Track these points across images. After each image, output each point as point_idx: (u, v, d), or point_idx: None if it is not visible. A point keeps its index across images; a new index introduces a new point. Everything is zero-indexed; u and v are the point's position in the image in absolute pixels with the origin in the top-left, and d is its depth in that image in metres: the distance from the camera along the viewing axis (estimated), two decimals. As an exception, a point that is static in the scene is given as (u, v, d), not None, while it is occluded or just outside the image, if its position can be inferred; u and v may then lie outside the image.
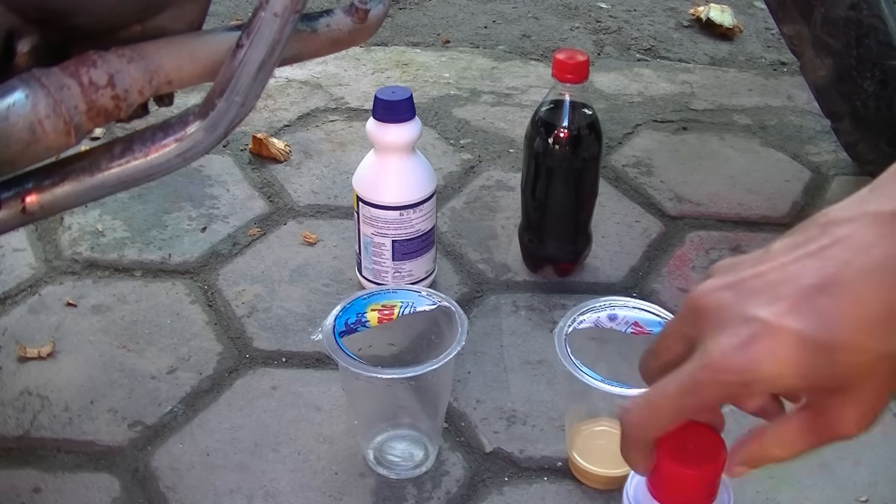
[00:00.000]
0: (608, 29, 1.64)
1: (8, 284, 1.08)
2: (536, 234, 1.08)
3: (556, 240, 1.08)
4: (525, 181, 1.06)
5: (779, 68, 1.54)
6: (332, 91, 1.44)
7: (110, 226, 1.17)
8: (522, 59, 1.54)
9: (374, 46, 1.55)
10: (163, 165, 0.74)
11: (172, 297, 1.07)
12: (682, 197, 1.23)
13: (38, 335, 1.02)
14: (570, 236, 1.08)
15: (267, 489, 0.86)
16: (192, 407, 0.94)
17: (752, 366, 0.44)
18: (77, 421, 0.93)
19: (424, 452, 0.88)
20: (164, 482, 0.87)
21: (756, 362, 0.44)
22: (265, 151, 1.29)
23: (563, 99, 1.01)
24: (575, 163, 1.03)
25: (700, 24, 1.65)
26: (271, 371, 0.98)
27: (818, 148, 1.34)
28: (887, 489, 0.88)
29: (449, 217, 1.20)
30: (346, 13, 0.82)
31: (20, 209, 0.73)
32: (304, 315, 1.05)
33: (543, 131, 1.02)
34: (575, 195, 1.05)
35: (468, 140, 1.34)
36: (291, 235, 1.16)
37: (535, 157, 1.04)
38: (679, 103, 1.43)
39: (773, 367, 0.44)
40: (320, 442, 0.90)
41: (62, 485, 0.87)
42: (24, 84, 0.68)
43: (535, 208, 1.07)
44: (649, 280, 1.11)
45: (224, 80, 0.73)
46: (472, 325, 1.02)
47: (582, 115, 1.02)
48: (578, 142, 1.02)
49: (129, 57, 0.71)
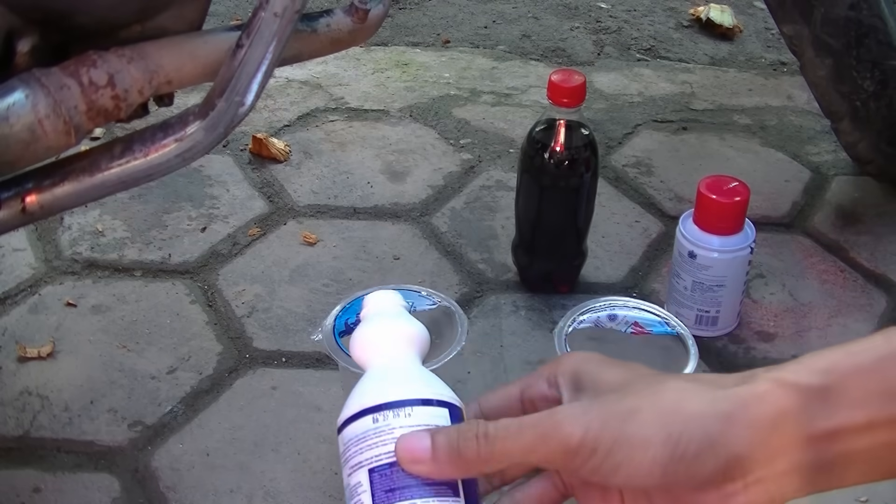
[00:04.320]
0: (608, 29, 1.63)
1: (8, 284, 1.08)
2: (529, 253, 1.08)
3: (551, 261, 1.07)
4: (520, 202, 1.06)
5: (779, 68, 1.54)
6: (332, 91, 1.44)
7: (110, 226, 1.17)
8: (522, 59, 1.54)
9: (374, 46, 1.55)
10: (163, 165, 0.74)
11: (172, 297, 1.07)
12: (682, 197, 1.23)
13: (38, 335, 1.02)
14: (566, 257, 1.08)
15: (267, 489, 0.86)
16: (192, 407, 0.94)
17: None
18: (77, 421, 0.93)
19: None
20: (164, 482, 0.87)
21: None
22: (265, 151, 1.29)
23: (558, 120, 0.99)
24: (571, 184, 1.02)
25: (700, 24, 1.64)
26: (271, 371, 0.98)
27: (818, 148, 1.34)
28: (887, 489, 0.88)
29: (449, 217, 1.20)
30: (346, 13, 0.82)
31: (20, 209, 0.72)
32: (304, 315, 1.05)
33: (538, 154, 1.00)
34: (571, 218, 1.04)
35: (468, 140, 1.34)
36: (291, 235, 1.16)
37: (530, 178, 1.02)
38: (679, 103, 1.43)
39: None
40: (320, 442, 0.90)
41: (62, 485, 0.87)
42: (24, 84, 0.68)
43: (529, 229, 1.06)
44: (649, 280, 1.11)
45: (224, 80, 0.73)
46: (472, 325, 1.02)
47: (579, 137, 1.00)
48: (574, 166, 1.01)
49: (129, 57, 0.71)
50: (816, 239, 1.17)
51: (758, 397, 0.46)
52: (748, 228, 1.00)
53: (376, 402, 0.51)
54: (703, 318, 1.02)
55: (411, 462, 0.48)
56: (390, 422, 0.50)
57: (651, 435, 0.45)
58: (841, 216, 1.21)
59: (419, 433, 0.49)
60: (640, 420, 0.46)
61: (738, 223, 0.99)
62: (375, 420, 0.50)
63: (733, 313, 1.03)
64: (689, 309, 1.01)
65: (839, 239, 1.17)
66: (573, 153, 1.00)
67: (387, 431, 0.50)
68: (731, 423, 0.45)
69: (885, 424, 0.44)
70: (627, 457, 0.45)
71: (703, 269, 0.99)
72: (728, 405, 0.45)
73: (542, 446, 0.47)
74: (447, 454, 0.48)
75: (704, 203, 0.98)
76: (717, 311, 1.01)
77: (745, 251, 0.99)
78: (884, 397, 0.45)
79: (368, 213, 1.20)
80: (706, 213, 0.98)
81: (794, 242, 1.17)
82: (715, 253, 0.98)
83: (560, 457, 0.47)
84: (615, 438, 0.46)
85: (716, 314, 1.01)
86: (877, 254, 1.15)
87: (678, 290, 1.02)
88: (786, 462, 0.45)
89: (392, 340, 0.56)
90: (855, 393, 0.45)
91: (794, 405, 0.45)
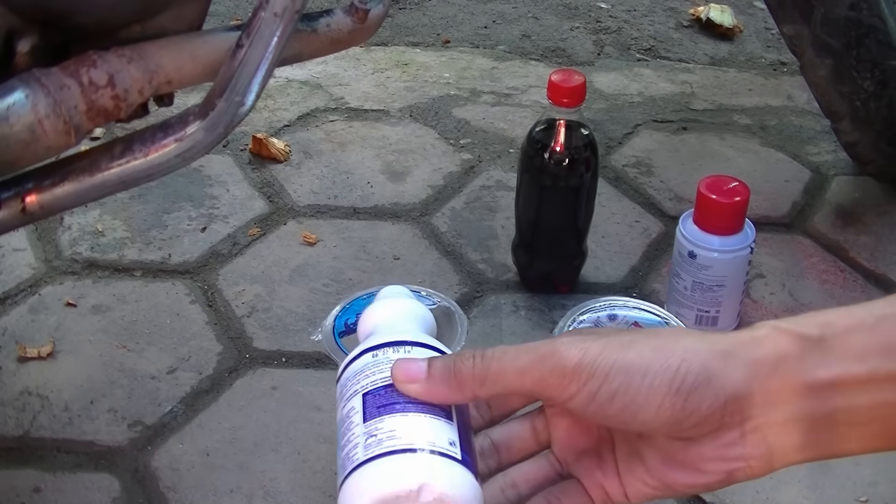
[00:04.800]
0: (608, 29, 1.63)
1: (8, 284, 1.08)
2: (529, 253, 1.08)
3: (551, 261, 1.08)
4: (520, 202, 1.06)
5: (779, 68, 1.54)
6: (332, 91, 1.44)
7: (110, 226, 1.17)
8: (522, 59, 1.54)
9: (374, 46, 1.55)
10: (163, 165, 0.74)
11: (172, 297, 1.07)
12: (682, 197, 1.23)
13: (38, 335, 1.02)
14: (566, 257, 1.08)
15: (267, 489, 0.86)
16: (192, 407, 0.94)
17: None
18: (77, 421, 0.93)
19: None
20: (164, 482, 0.87)
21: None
22: (265, 151, 1.29)
23: (558, 120, 0.99)
24: (571, 184, 1.02)
25: (700, 24, 1.64)
26: (271, 371, 0.98)
27: (818, 148, 1.34)
28: (887, 489, 0.88)
29: (449, 217, 1.20)
30: (346, 13, 0.82)
31: (20, 209, 0.73)
32: (304, 315, 1.05)
33: (538, 154, 1.00)
34: (571, 218, 1.04)
35: (468, 140, 1.34)
36: (291, 235, 1.16)
37: (530, 178, 1.02)
38: (679, 103, 1.43)
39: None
40: (320, 442, 0.90)
41: (62, 485, 0.87)
42: (24, 84, 0.68)
43: (529, 229, 1.06)
44: (649, 280, 1.11)
45: (224, 80, 0.73)
46: (472, 325, 1.02)
47: (579, 137, 1.00)
48: (574, 166, 1.01)
49: (129, 57, 0.71)
50: (816, 239, 1.17)
51: (757, 340, 0.45)
52: (748, 228, 1.00)
53: (376, 343, 0.52)
54: (703, 318, 1.02)
55: (406, 381, 0.48)
56: (389, 355, 0.51)
57: (650, 363, 0.44)
58: (841, 216, 1.21)
59: (417, 359, 0.50)
60: (639, 349, 0.45)
61: (738, 223, 0.99)
62: (375, 355, 0.51)
63: (733, 313, 1.03)
64: (689, 309, 1.02)
65: (839, 239, 1.17)
66: (573, 153, 1.00)
67: (385, 363, 0.50)
68: (730, 361, 0.44)
69: (886, 381, 0.43)
70: (625, 384, 0.44)
71: (703, 269, 0.99)
72: (727, 345, 0.45)
73: (537, 367, 0.46)
74: (442, 373, 0.48)
75: (704, 203, 0.98)
76: (717, 311, 1.01)
77: (745, 251, 0.99)
78: (884, 353, 0.43)
79: (368, 213, 1.20)
80: (706, 213, 0.98)
81: (794, 242, 1.17)
82: (715, 253, 0.98)
83: (556, 380, 0.46)
84: (613, 364, 0.45)
85: (716, 314, 1.01)
86: (877, 254, 1.15)
87: (678, 290, 1.02)
88: (785, 411, 0.44)
89: (400, 314, 0.57)
90: (854, 347, 0.44)
91: (794, 351, 0.44)
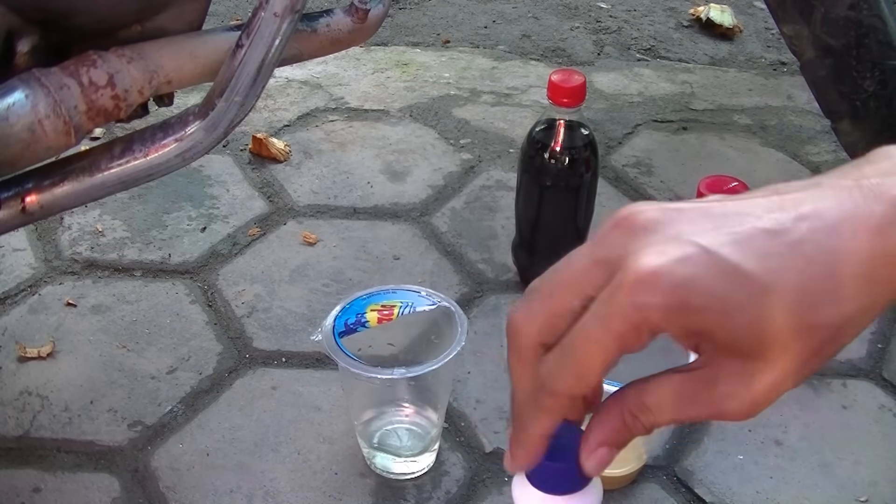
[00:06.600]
0: (608, 29, 1.63)
1: (8, 284, 1.08)
2: (529, 253, 1.07)
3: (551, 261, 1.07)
4: (520, 202, 1.05)
5: (779, 68, 1.54)
6: (332, 91, 1.44)
7: (110, 226, 1.17)
8: (522, 59, 1.54)
9: (374, 46, 1.55)
10: (162, 165, 0.74)
11: (172, 297, 1.07)
12: (682, 197, 1.23)
13: (38, 335, 1.02)
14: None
15: (267, 489, 0.86)
16: (192, 407, 0.94)
17: (677, 290, 0.38)
18: (77, 421, 0.93)
19: (423, 445, 0.88)
20: (163, 482, 0.87)
21: (683, 286, 0.38)
22: (265, 151, 1.29)
23: (558, 120, 0.99)
24: (571, 184, 1.01)
25: (700, 24, 1.64)
26: (271, 371, 0.98)
27: (818, 148, 1.34)
28: (887, 489, 0.88)
29: (449, 217, 1.20)
30: (346, 13, 0.82)
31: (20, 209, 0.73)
32: (304, 315, 1.05)
33: (538, 154, 1.00)
34: (571, 218, 1.04)
35: (468, 140, 1.34)
36: (291, 235, 1.16)
37: (530, 178, 1.02)
38: (679, 103, 1.43)
39: (700, 297, 0.38)
40: (320, 442, 0.90)
41: (62, 485, 0.87)
42: (24, 84, 0.68)
43: (529, 229, 1.06)
44: (649, 280, 1.11)
45: (224, 80, 0.73)
46: (472, 325, 1.02)
47: (579, 137, 1.00)
48: (574, 166, 1.00)
49: (129, 57, 0.72)
50: (816, 239, 1.17)
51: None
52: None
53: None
54: (702, 318, 1.01)
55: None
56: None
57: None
58: (841, 216, 1.20)
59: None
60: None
61: None
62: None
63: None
64: (688, 309, 1.01)
65: (839, 239, 1.17)
66: (573, 153, 1.00)
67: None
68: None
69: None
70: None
71: (703, 269, 0.98)
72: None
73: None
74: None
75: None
76: (716, 311, 1.00)
77: (746, 251, 0.98)
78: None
79: (368, 213, 1.20)
80: None
81: (794, 242, 1.17)
82: (715, 253, 0.98)
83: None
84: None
85: (716, 314, 1.00)
86: (877, 254, 1.15)
87: (678, 290, 1.01)
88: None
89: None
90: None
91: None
